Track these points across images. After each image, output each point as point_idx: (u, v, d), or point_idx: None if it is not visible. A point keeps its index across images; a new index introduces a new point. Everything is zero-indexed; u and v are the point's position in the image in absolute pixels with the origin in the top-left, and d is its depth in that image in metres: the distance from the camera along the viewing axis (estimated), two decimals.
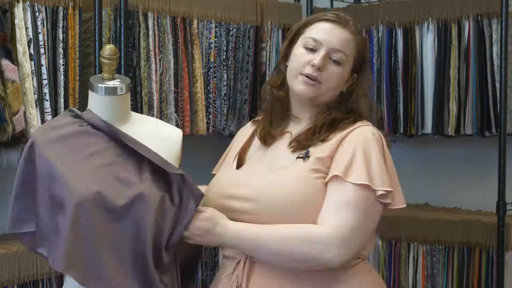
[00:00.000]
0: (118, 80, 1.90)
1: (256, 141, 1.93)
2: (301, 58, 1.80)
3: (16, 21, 2.61)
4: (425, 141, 3.85)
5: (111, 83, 1.88)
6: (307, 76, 1.79)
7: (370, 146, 1.75)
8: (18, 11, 2.61)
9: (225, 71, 3.30)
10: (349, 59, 1.81)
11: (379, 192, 1.72)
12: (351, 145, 1.75)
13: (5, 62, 2.53)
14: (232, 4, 3.34)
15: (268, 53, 3.44)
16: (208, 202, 1.81)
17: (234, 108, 3.35)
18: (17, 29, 2.60)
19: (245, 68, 3.39)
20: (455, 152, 3.84)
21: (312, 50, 1.80)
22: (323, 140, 1.79)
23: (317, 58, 1.77)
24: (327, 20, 1.82)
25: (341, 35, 1.80)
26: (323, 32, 1.80)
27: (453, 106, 3.45)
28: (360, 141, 1.75)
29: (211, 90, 3.26)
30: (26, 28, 2.63)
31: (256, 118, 2.03)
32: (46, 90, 2.68)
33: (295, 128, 1.87)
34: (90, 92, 1.90)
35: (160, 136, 1.95)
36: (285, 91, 1.89)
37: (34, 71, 2.64)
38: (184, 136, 2.01)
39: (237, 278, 1.76)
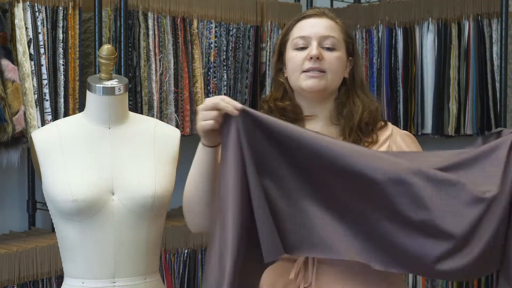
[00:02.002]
0: (116, 80, 1.90)
1: None
2: (297, 58, 1.83)
3: (16, 21, 2.61)
4: (425, 141, 3.85)
5: (108, 83, 1.89)
6: (309, 71, 1.80)
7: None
8: (18, 11, 2.62)
9: (225, 71, 3.30)
10: (340, 42, 1.85)
11: None
12: (405, 145, 1.88)
13: (5, 62, 2.53)
14: (232, 4, 3.34)
15: (268, 53, 3.45)
16: None
17: None
18: (17, 29, 2.61)
19: (245, 68, 3.39)
20: None
21: (303, 48, 1.83)
22: (372, 142, 1.83)
23: (312, 49, 1.80)
24: (305, 17, 1.88)
25: (324, 23, 1.85)
26: (306, 27, 1.85)
27: (453, 106, 3.45)
28: (413, 141, 1.92)
29: (211, 90, 3.27)
30: (26, 28, 2.64)
31: None
32: (46, 90, 2.68)
33: (315, 127, 1.87)
34: (88, 92, 1.91)
35: (158, 136, 1.96)
36: (289, 99, 1.89)
37: (34, 71, 2.65)
38: (184, 136, 2.02)
39: (303, 279, 1.75)
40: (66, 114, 2.73)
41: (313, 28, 1.84)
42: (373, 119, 1.86)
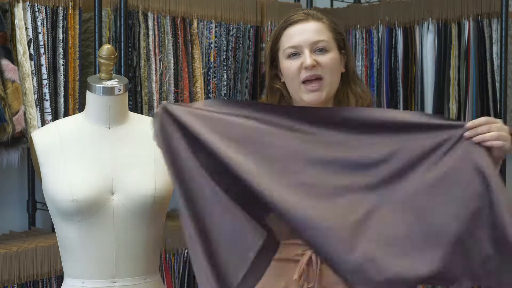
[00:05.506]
0: (116, 80, 1.90)
1: None
2: (292, 68, 1.82)
3: (16, 21, 2.61)
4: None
5: (108, 83, 1.89)
6: (307, 81, 1.80)
7: None
8: (18, 11, 2.62)
9: (225, 71, 3.30)
10: (331, 43, 1.84)
11: None
12: None
13: (5, 62, 2.53)
14: (232, 4, 3.35)
15: None
16: None
17: None
18: (17, 29, 2.61)
19: (245, 68, 3.39)
20: None
21: (295, 54, 1.82)
22: None
23: (305, 59, 1.80)
24: (290, 24, 1.86)
25: (311, 28, 1.83)
26: (295, 36, 1.83)
27: (453, 106, 3.45)
28: None
29: (211, 90, 3.27)
30: (26, 28, 2.64)
31: None
32: (46, 90, 2.69)
33: None
34: (88, 92, 1.91)
35: None
36: (286, 103, 1.89)
37: (34, 71, 2.65)
38: None
39: (306, 279, 1.75)
40: (66, 114, 2.73)
41: (302, 35, 1.82)
42: None
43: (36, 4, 2.67)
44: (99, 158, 1.89)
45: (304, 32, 1.83)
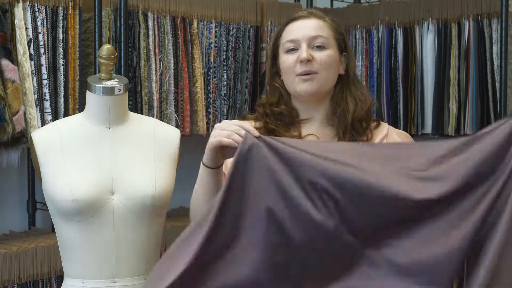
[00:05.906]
0: (116, 80, 1.90)
1: None
2: (288, 62, 1.83)
3: (16, 21, 2.61)
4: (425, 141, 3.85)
5: (108, 83, 1.89)
6: (301, 74, 1.80)
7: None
8: (18, 11, 2.62)
9: (225, 71, 3.30)
10: (330, 41, 1.85)
11: None
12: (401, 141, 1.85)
13: (5, 62, 2.53)
14: (232, 4, 3.35)
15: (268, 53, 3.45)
16: None
17: (234, 108, 3.35)
18: (17, 29, 2.61)
19: (245, 68, 3.39)
20: None
21: (294, 49, 1.83)
22: (367, 140, 1.83)
23: (301, 53, 1.81)
24: (292, 20, 1.87)
25: (312, 24, 1.85)
26: (295, 30, 1.85)
27: (453, 106, 3.45)
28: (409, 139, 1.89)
29: (211, 90, 3.27)
30: (26, 28, 2.64)
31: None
32: (46, 90, 2.69)
33: (311, 129, 1.87)
34: (88, 92, 1.91)
35: (158, 136, 1.96)
36: (284, 103, 1.89)
37: (34, 71, 2.65)
38: (184, 136, 2.02)
39: None
40: (66, 114, 2.73)
41: (301, 30, 1.83)
42: (367, 115, 1.86)
43: (36, 4, 2.67)
44: (99, 158, 1.89)
45: (303, 28, 1.84)
